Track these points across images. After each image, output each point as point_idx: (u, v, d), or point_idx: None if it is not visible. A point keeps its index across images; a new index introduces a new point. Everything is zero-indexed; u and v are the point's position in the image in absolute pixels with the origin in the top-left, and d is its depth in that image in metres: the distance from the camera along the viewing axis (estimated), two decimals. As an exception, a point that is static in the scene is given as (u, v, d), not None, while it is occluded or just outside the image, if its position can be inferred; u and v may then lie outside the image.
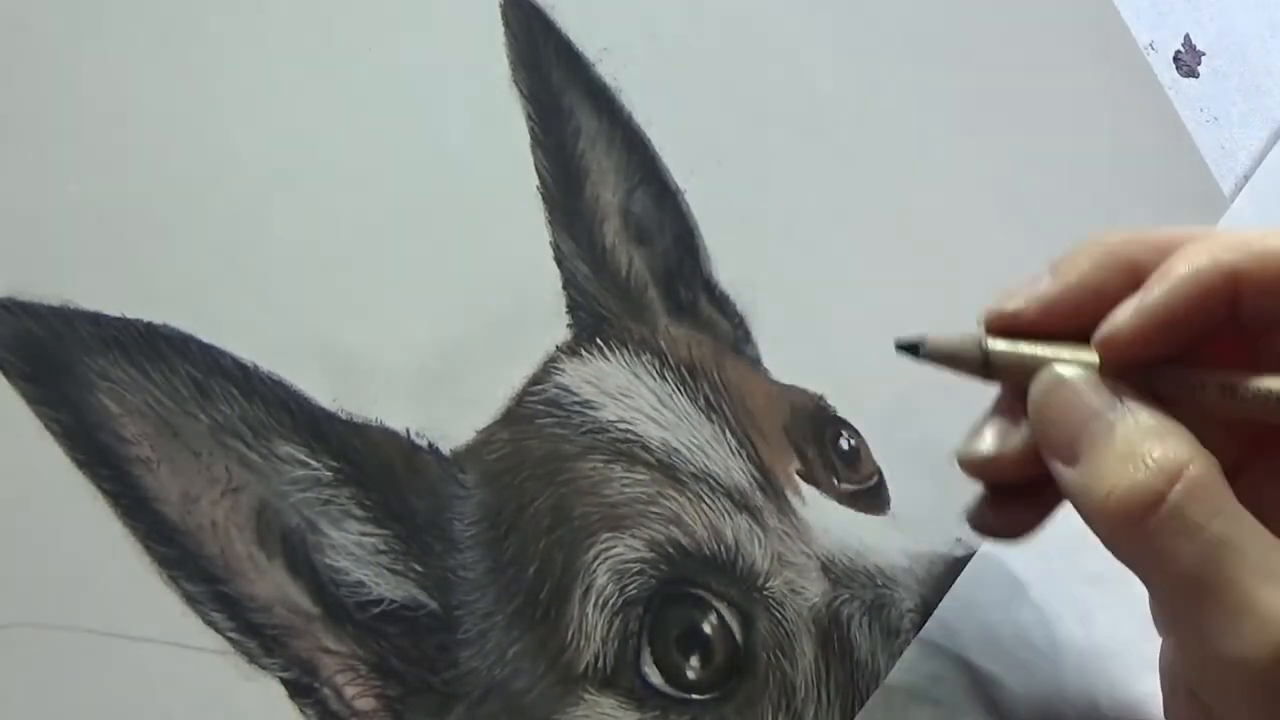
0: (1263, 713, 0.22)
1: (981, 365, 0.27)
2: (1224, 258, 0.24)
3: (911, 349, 0.28)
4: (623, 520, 0.27)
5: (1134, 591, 0.31)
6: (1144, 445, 0.23)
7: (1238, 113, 0.48)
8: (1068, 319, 0.26)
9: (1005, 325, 0.27)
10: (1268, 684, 0.22)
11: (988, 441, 0.27)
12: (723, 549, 0.28)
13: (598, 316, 0.30)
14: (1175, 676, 0.27)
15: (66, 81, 0.24)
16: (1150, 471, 0.23)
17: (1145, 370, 0.25)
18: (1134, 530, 0.23)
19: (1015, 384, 0.27)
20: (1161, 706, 0.27)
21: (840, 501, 0.31)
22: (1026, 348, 0.26)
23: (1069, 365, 0.25)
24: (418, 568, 0.25)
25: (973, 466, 0.27)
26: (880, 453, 0.32)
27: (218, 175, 0.26)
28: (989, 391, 0.28)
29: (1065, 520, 0.33)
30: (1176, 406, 0.24)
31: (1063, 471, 0.25)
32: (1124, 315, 0.25)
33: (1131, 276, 0.26)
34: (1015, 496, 0.28)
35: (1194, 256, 0.24)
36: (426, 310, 0.27)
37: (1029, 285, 0.27)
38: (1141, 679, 0.30)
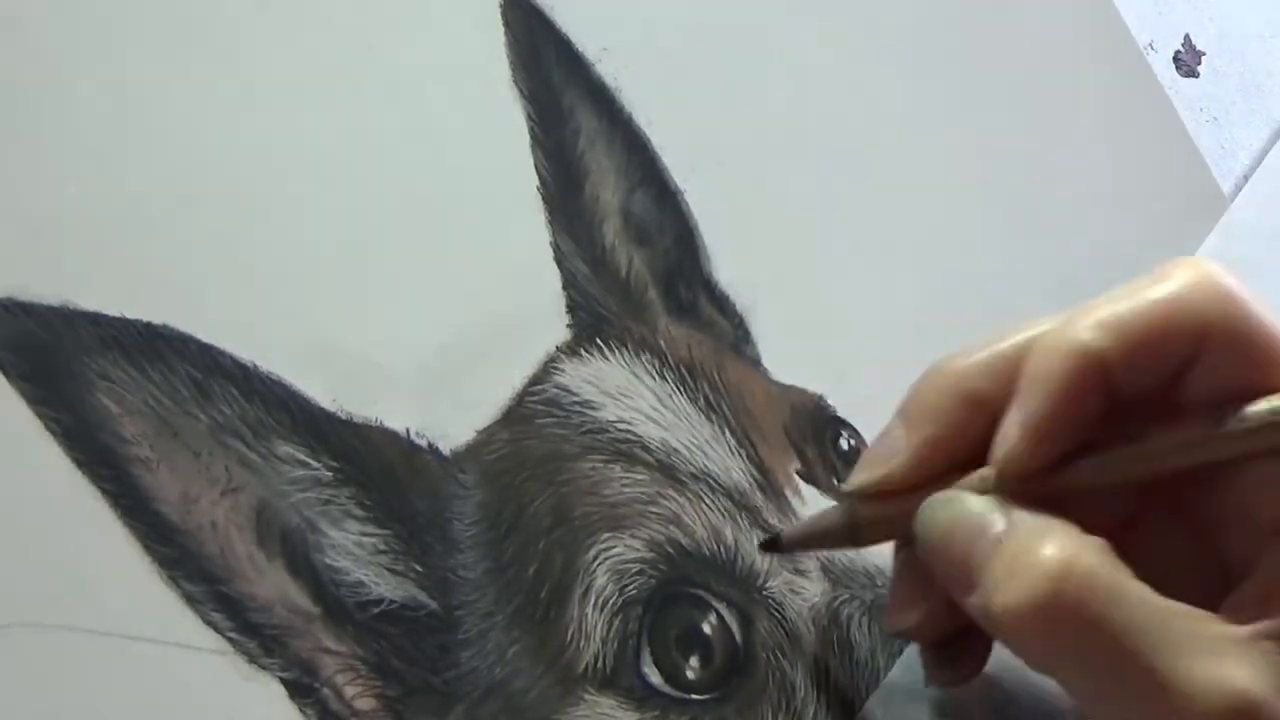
0: None
1: (849, 535, 0.27)
2: (1089, 344, 0.23)
3: (772, 544, 0.28)
4: (622, 520, 0.27)
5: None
6: (1027, 552, 0.23)
7: (1238, 113, 0.48)
8: (934, 467, 0.25)
9: (879, 493, 0.26)
10: None
11: (910, 613, 0.27)
12: (722, 549, 0.28)
13: (598, 317, 0.30)
14: None
15: (66, 81, 0.24)
16: (1037, 574, 0.22)
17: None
18: (1040, 639, 0.23)
19: (895, 541, 0.27)
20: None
21: (840, 502, 0.31)
22: (895, 506, 0.26)
23: (944, 494, 0.25)
24: (418, 568, 0.25)
25: (902, 635, 0.28)
26: (880, 453, 0.32)
27: (218, 175, 0.26)
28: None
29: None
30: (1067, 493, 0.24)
31: (966, 602, 0.24)
32: (1013, 437, 0.24)
33: (980, 407, 0.25)
34: (958, 642, 0.27)
35: (1052, 353, 0.24)
36: (426, 310, 0.27)
37: (885, 448, 0.26)
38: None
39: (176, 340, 0.24)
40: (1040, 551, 0.23)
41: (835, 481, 0.31)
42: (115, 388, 0.23)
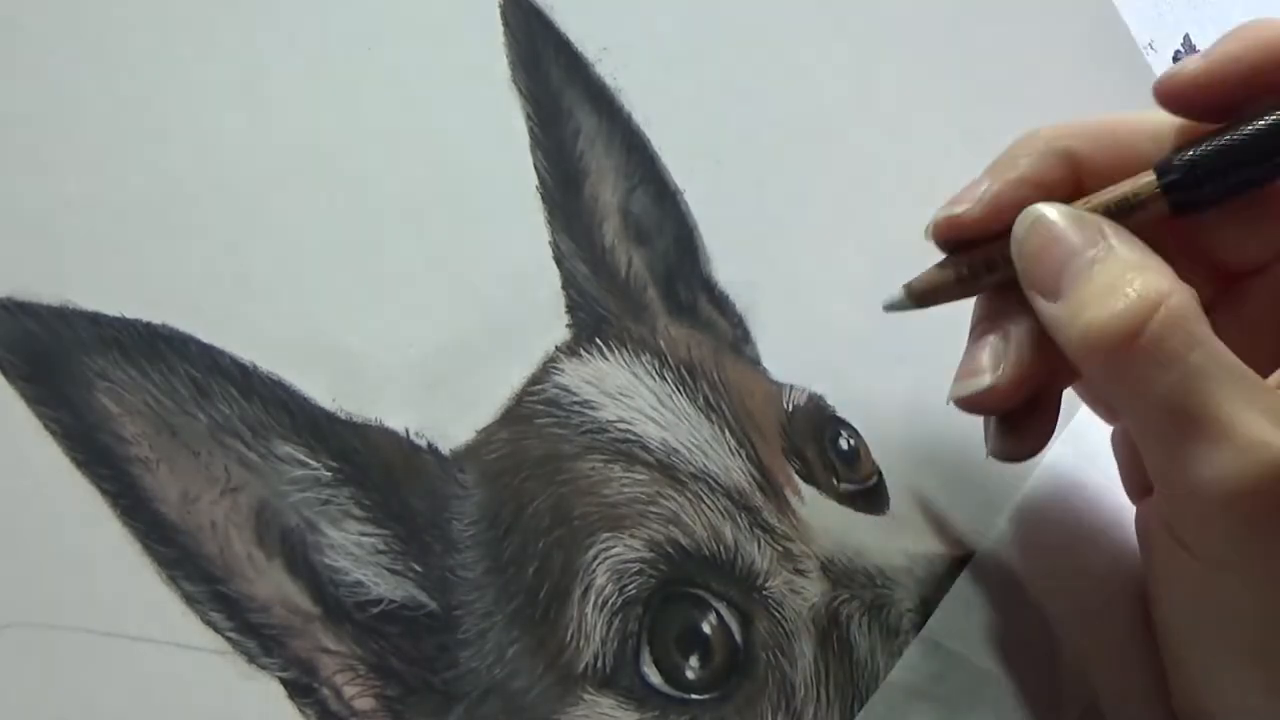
0: (1238, 537, 0.23)
1: (959, 281, 0.28)
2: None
3: (901, 306, 0.29)
4: (622, 520, 0.27)
5: (1135, 591, 0.31)
6: (1124, 278, 0.24)
7: (1238, 113, 0.48)
8: (1013, 213, 0.26)
9: (953, 231, 0.27)
10: (1244, 508, 0.22)
11: (979, 378, 0.27)
12: (722, 549, 0.28)
13: (597, 316, 0.30)
14: (1149, 531, 0.27)
15: (66, 81, 0.24)
16: (1130, 302, 0.23)
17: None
18: (1114, 361, 0.23)
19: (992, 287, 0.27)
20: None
21: (840, 501, 0.31)
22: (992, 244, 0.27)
23: (1051, 205, 0.26)
24: (417, 568, 0.25)
25: (972, 404, 0.28)
26: (880, 453, 0.32)
27: (217, 175, 0.26)
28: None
29: (1065, 520, 0.33)
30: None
31: (1045, 307, 0.25)
32: (1190, 64, 0.25)
33: (1069, 166, 0.26)
34: (1022, 417, 0.28)
35: (1246, 31, 0.25)
36: (426, 310, 0.27)
37: (969, 191, 0.27)
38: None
39: (176, 340, 0.24)
40: (1137, 279, 0.23)
41: (835, 481, 0.31)
42: (115, 388, 0.23)
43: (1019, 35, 0.42)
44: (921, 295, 0.29)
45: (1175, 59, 0.47)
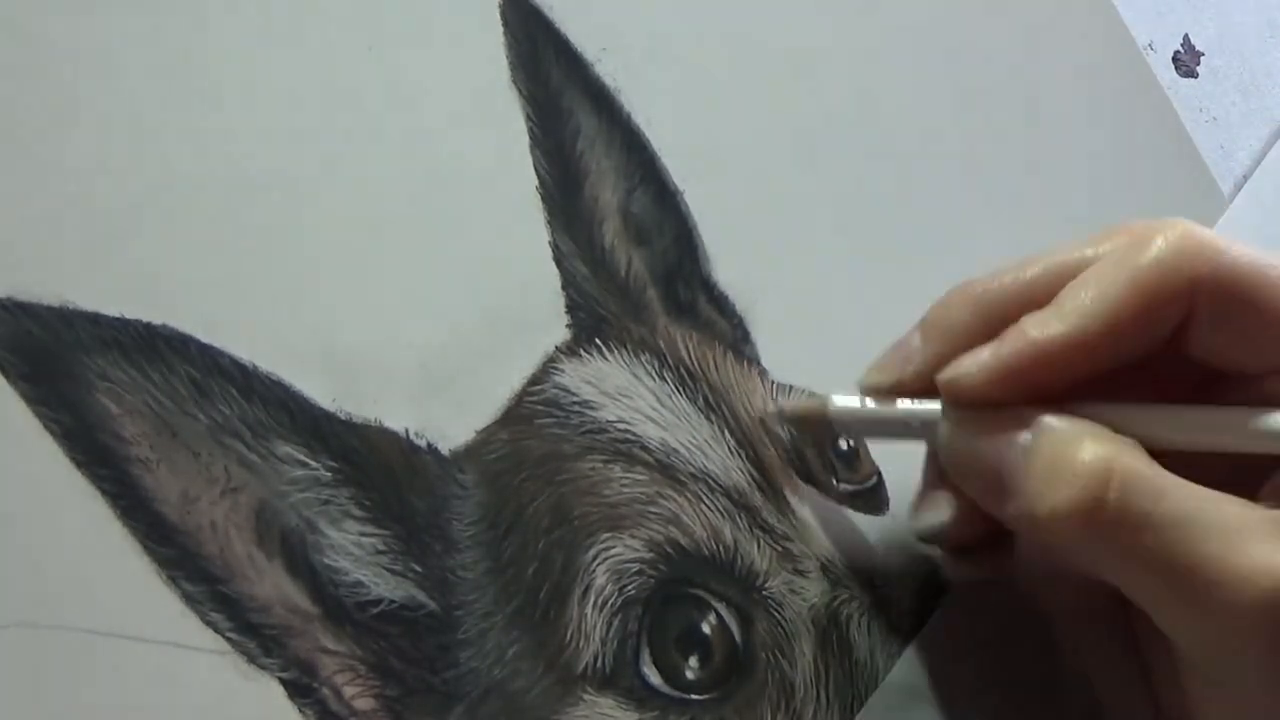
0: (1268, 660, 0.22)
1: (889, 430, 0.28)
2: (1076, 328, 0.24)
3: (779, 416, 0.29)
4: (622, 520, 0.27)
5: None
6: (1064, 457, 0.23)
7: (1237, 113, 0.48)
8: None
9: (888, 393, 0.27)
10: (1265, 633, 0.21)
11: (938, 512, 0.27)
12: (721, 549, 0.28)
13: (597, 317, 0.30)
14: (1165, 687, 0.26)
15: (66, 81, 0.24)
16: (1081, 479, 0.23)
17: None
18: (1086, 540, 0.23)
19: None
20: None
21: (839, 502, 0.31)
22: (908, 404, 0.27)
23: (955, 416, 0.25)
24: (417, 568, 0.25)
25: (929, 538, 0.28)
26: (879, 453, 0.32)
27: (217, 175, 0.26)
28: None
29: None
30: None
31: (1003, 512, 0.24)
32: (971, 366, 0.25)
33: (998, 328, 0.25)
34: (985, 542, 0.28)
35: (1045, 327, 0.24)
36: (426, 310, 0.27)
37: (901, 354, 0.27)
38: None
39: (176, 340, 0.24)
40: (1078, 455, 0.23)
41: (834, 481, 0.31)
42: (115, 388, 0.23)
43: (1019, 35, 0.42)
44: (795, 422, 0.29)
45: (1175, 59, 0.47)
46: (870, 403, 0.27)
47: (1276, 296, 0.24)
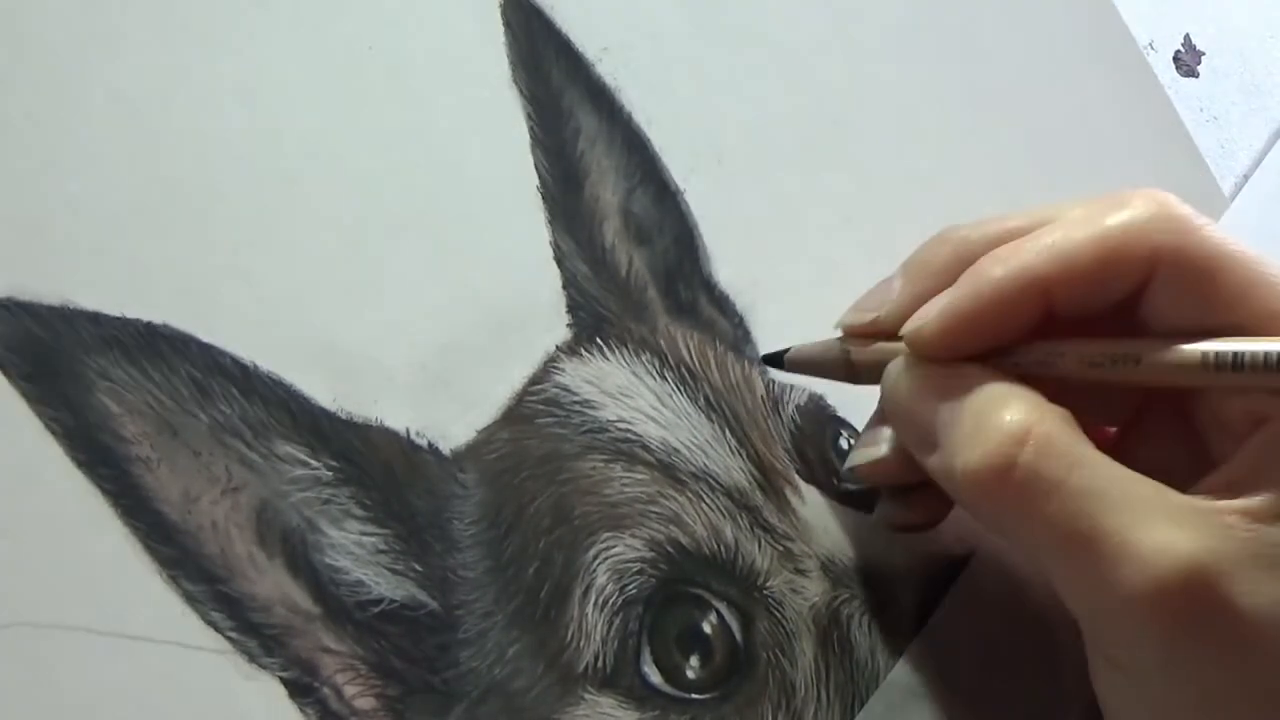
0: (1162, 644, 0.22)
1: (845, 368, 0.28)
2: (1033, 266, 0.24)
3: (774, 360, 0.30)
4: (622, 520, 0.27)
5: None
6: (989, 416, 0.23)
7: (1238, 112, 0.48)
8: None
9: (864, 334, 0.27)
10: (1161, 616, 0.21)
11: (876, 447, 0.28)
12: (722, 548, 0.28)
13: (598, 316, 0.30)
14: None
15: (66, 81, 0.24)
16: (998, 438, 0.23)
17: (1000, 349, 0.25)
18: (995, 500, 0.23)
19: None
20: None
21: (840, 501, 0.31)
22: (885, 346, 0.27)
23: (906, 359, 0.26)
24: (418, 567, 0.25)
25: (865, 473, 0.28)
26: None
27: (217, 175, 0.26)
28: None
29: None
30: (1039, 379, 0.25)
31: (925, 461, 0.25)
32: (931, 314, 0.25)
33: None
34: (919, 489, 0.28)
35: (998, 263, 0.25)
36: (426, 310, 0.27)
37: (881, 293, 0.27)
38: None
39: (176, 340, 0.24)
40: (1001, 415, 0.23)
41: (835, 481, 0.31)
42: (115, 387, 0.23)
43: (1019, 35, 0.42)
44: (799, 366, 0.30)
45: (1175, 59, 0.47)
46: (882, 345, 0.27)
47: (1233, 276, 0.24)
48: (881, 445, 0.28)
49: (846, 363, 0.28)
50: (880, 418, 0.29)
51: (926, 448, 0.25)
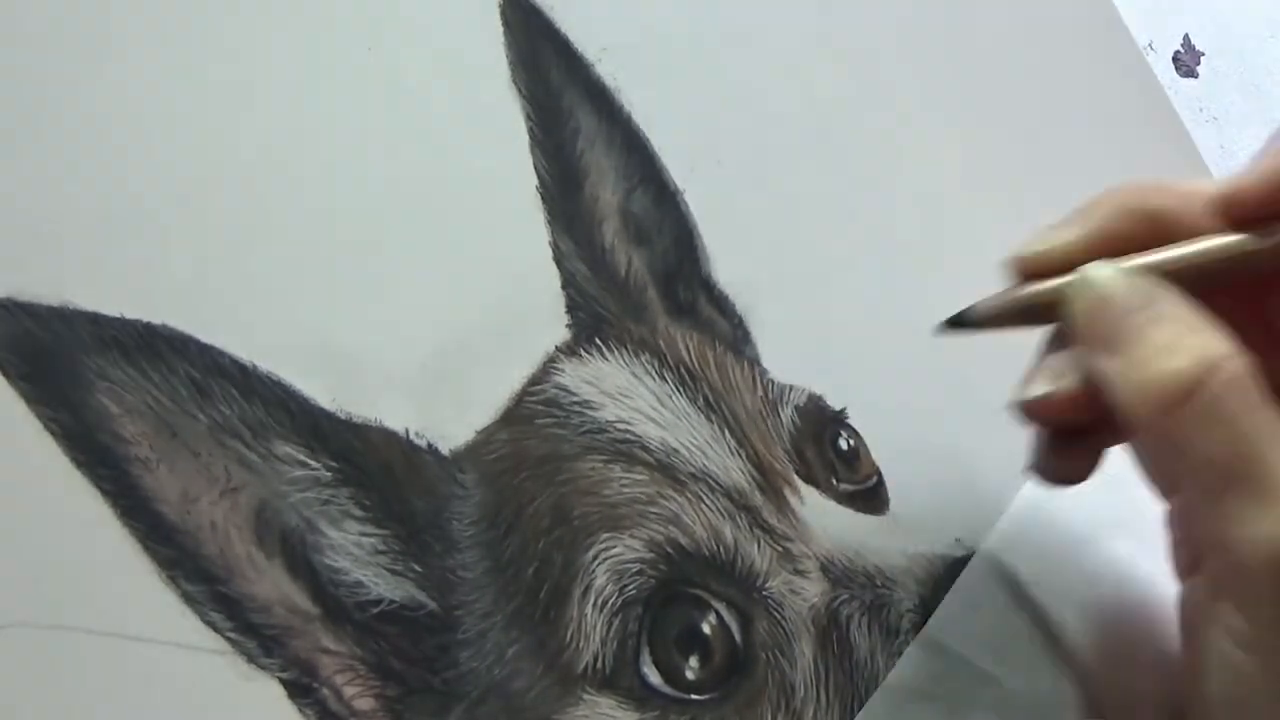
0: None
1: (1025, 311, 0.27)
2: None
3: (958, 323, 0.28)
4: (622, 520, 0.27)
5: (1134, 592, 0.31)
6: (1182, 339, 0.24)
7: (1237, 113, 0.48)
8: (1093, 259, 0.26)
9: (1033, 268, 0.27)
10: None
11: (1041, 384, 0.27)
12: (722, 549, 0.28)
13: (597, 317, 0.30)
14: (1192, 613, 0.26)
15: (66, 81, 0.24)
16: (1191, 359, 0.23)
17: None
18: (1170, 416, 0.23)
19: (1056, 317, 0.27)
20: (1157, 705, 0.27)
21: (839, 502, 0.31)
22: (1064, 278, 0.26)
23: (1103, 265, 0.26)
24: (417, 568, 0.25)
25: (1029, 408, 0.27)
26: (880, 453, 0.32)
27: (217, 175, 0.26)
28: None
29: (1066, 519, 0.33)
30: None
31: (1103, 363, 0.25)
32: (1250, 175, 0.25)
33: (1154, 225, 0.26)
34: (1071, 440, 0.28)
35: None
36: (426, 310, 0.27)
37: (1053, 230, 0.27)
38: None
39: (176, 340, 0.24)
40: (1197, 340, 0.23)
41: (835, 481, 0.31)
42: (115, 388, 0.23)
43: (1019, 36, 0.42)
44: (987, 320, 0.29)
45: (1175, 59, 0.47)
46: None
47: None
48: (1068, 376, 0.27)
49: (1027, 305, 0.27)
50: (1048, 355, 0.28)
51: (1109, 350, 0.25)
